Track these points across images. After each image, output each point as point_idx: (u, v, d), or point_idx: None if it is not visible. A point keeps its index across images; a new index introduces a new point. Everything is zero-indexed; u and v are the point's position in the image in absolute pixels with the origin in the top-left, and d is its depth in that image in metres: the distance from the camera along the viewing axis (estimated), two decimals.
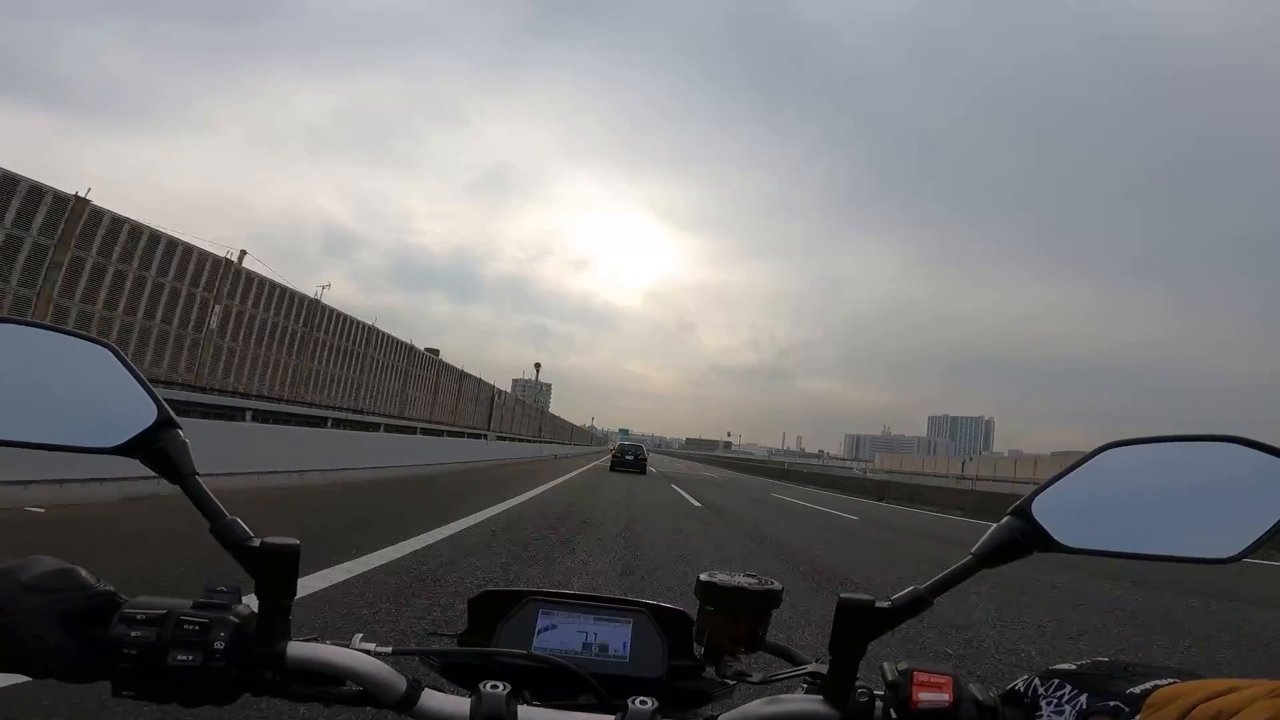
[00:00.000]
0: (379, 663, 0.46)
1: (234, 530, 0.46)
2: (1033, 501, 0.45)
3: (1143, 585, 5.67)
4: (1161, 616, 4.56)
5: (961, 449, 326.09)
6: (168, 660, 0.41)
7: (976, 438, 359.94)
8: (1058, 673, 0.42)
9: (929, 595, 0.46)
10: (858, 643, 0.45)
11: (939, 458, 61.68)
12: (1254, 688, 0.32)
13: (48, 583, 0.42)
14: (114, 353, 0.48)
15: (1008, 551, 0.45)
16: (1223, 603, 5.22)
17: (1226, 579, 6.17)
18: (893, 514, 14.04)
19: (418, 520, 5.79)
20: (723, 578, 0.54)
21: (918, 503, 18.05)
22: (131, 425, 0.47)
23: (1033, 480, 18.88)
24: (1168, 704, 0.34)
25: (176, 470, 0.47)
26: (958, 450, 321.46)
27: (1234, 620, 4.61)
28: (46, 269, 5.84)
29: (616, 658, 0.56)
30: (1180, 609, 4.86)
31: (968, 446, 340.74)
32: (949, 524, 12.27)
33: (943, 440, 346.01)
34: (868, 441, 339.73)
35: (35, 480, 4.65)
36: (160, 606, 0.43)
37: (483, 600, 0.61)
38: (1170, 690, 0.35)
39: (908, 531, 10.21)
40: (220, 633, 0.42)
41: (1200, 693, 0.33)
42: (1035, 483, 0.49)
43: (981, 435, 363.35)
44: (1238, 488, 0.42)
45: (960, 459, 45.17)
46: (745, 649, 0.54)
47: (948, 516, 14.58)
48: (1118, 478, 0.44)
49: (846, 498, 19.16)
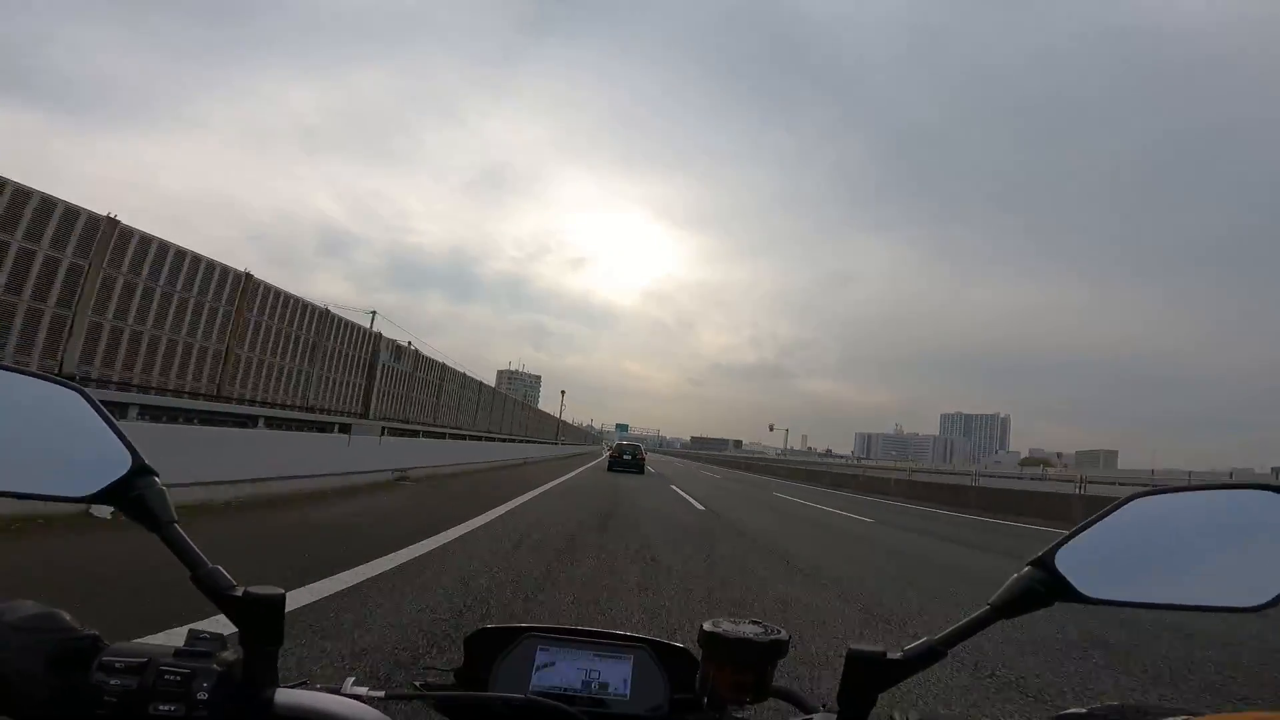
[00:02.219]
0: (371, 709, 0.45)
1: (216, 579, 0.45)
2: (1056, 553, 0.44)
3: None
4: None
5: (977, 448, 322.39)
6: (149, 710, 0.40)
7: (992, 436, 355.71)
8: (1069, 717, 0.42)
9: (942, 646, 0.45)
10: (867, 694, 0.44)
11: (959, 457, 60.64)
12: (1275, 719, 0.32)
13: (31, 624, 0.42)
14: (84, 397, 0.47)
15: (1027, 602, 0.44)
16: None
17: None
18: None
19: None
20: (727, 627, 0.53)
21: (1025, 515, 13.69)
22: (106, 473, 0.46)
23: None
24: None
25: (155, 519, 0.45)
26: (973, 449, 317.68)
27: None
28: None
29: (617, 695, 0.55)
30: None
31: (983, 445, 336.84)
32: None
33: (958, 439, 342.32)
34: (880, 440, 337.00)
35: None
36: (141, 654, 0.42)
37: (479, 637, 0.59)
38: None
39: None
40: (203, 683, 0.41)
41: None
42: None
43: (997, 433, 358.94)
44: (1268, 535, 0.41)
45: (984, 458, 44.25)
46: (750, 699, 0.52)
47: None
48: (1145, 527, 0.44)
49: (958, 515, 13.80)
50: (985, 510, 15.07)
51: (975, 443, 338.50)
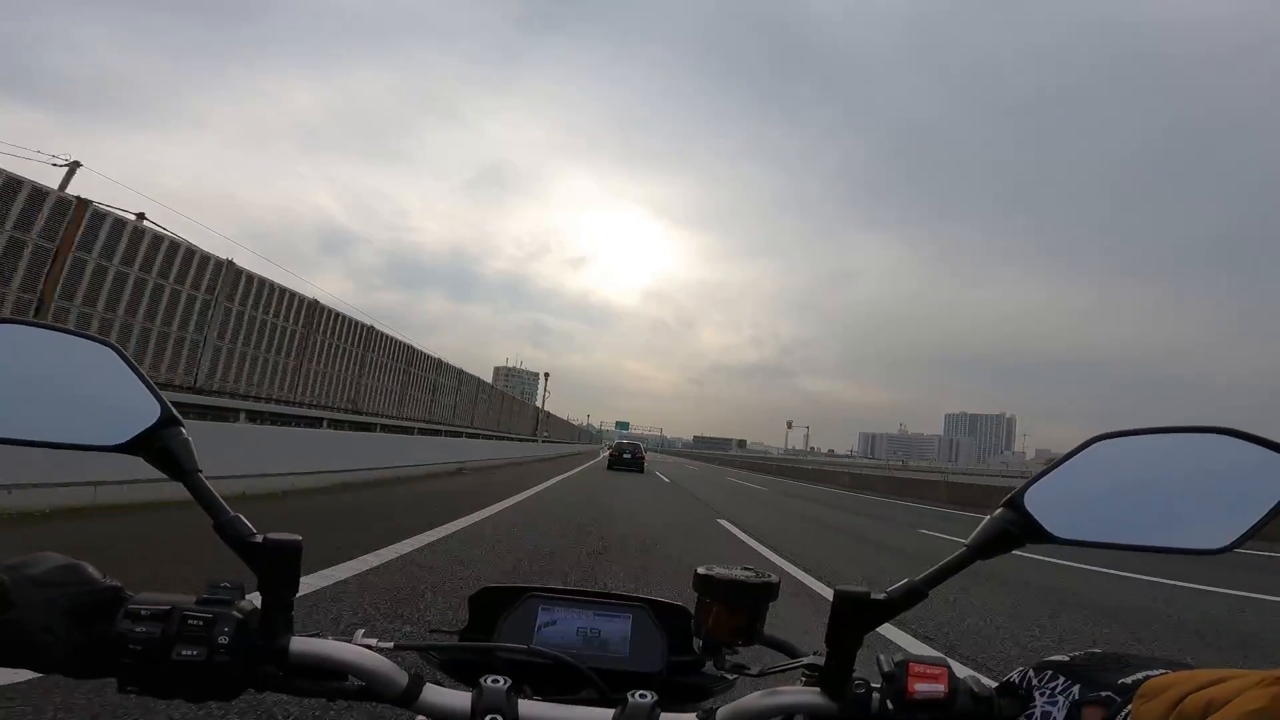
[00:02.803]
0: (381, 658, 0.47)
1: (237, 526, 0.45)
2: (1025, 493, 0.45)
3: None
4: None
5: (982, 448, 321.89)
6: (172, 656, 0.41)
7: (997, 436, 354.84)
8: (1051, 664, 0.43)
9: (924, 586, 0.45)
10: (854, 635, 0.45)
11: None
12: (1243, 678, 0.32)
13: (55, 577, 0.43)
14: (116, 351, 0.49)
15: (1000, 543, 0.45)
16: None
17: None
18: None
19: None
20: (720, 571, 0.54)
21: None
22: (135, 423, 0.47)
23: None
24: (1159, 694, 0.35)
25: (180, 467, 0.47)
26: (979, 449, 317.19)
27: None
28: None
29: (616, 652, 0.58)
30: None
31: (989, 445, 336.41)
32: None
33: (963, 439, 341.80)
34: (884, 440, 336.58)
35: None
36: (164, 602, 0.43)
37: (483, 596, 0.62)
38: (1161, 680, 0.36)
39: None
40: (224, 628, 0.42)
41: (1191, 683, 0.34)
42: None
43: (1003, 433, 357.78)
44: (1228, 479, 0.42)
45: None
46: (743, 642, 0.54)
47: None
48: (1109, 469, 0.44)
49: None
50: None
51: (980, 443, 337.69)
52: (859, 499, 17.66)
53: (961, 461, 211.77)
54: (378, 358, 12.09)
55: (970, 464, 45.33)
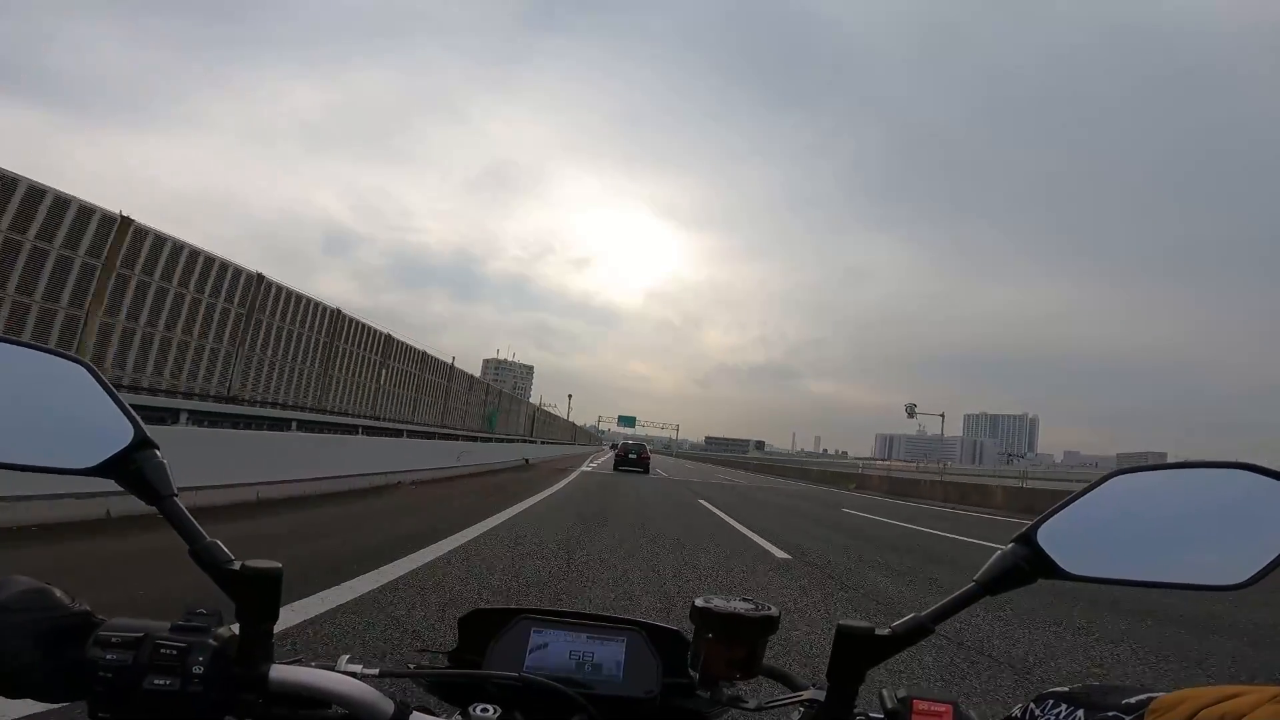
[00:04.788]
0: (365, 685, 0.45)
1: (213, 553, 0.45)
2: (1038, 529, 0.44)
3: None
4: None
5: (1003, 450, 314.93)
6: (144, 685, 0.40)
7: (1020, 437, 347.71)
8: (1051, 694, 0.42)
9: (930, 622, 0.45)
10: (857, 670, 0.44)
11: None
12: (1256, 693, 0.32)
13: (23, 602, 0.42)
14: (89, 370, 0.47)
15: (1011, 578, 0.44)
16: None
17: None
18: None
19: None
20: (718, 603, 0.53)
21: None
22: (107, 445, 0.46)
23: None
24: (1172, 709, 0.34)
25: (155, 492, 0.46)
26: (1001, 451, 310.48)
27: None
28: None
29: (610, 677, 0.56)
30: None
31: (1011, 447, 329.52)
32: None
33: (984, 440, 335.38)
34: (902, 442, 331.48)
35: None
36: (136, 629, 0.42)
37: (473, 618, 0.60)
38: (1171, 698, 0.36)
39: None
40: (199, 657, 0.41)
41: (1201, 699, 0.34)
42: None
43: (1026, 435, 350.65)
44: (1248, 515, 0.41)
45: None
46: (741, 675, 0.52)
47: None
48: (1126, 505, 0.44)
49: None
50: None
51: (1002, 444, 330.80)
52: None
53: (987, 463, 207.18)
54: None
55: (997, 466, 42.92)
